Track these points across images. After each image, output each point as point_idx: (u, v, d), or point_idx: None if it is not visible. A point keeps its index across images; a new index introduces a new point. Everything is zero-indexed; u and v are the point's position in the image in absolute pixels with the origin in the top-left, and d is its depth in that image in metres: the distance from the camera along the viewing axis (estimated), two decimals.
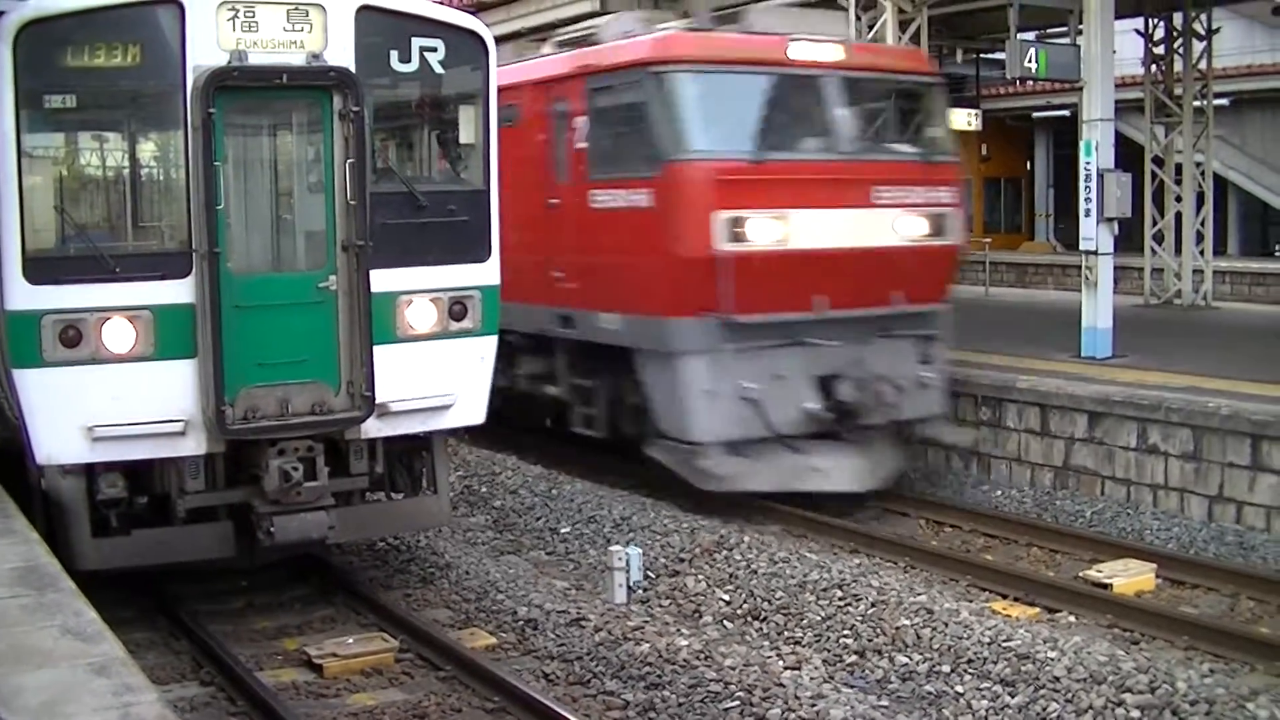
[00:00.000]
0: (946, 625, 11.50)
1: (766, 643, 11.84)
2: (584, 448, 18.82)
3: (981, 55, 32.20)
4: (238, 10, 11.50)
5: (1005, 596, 12.79)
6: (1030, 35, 22.30)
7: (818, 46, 16.53)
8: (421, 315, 12.35)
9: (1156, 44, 28.36)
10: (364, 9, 11.94)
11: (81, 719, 6.84)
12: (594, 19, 22.14)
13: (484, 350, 12.76)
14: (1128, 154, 25.32)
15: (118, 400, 11.31)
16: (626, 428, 17.20)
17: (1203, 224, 28.47)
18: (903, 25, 22.43)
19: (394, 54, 12.15)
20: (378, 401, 11.93)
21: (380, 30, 12.06)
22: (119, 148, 12.04)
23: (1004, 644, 11.02)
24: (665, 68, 15.74)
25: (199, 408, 11.49)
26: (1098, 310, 20.02)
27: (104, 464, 11.48)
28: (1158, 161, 28.20)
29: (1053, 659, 10.64)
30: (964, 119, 26.74)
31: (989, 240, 39.45)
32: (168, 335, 11.38)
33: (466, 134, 12.90)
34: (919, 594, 12.28)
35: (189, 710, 10.47)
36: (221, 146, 11.54)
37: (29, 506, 12.06)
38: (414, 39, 12.21)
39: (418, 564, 14.26)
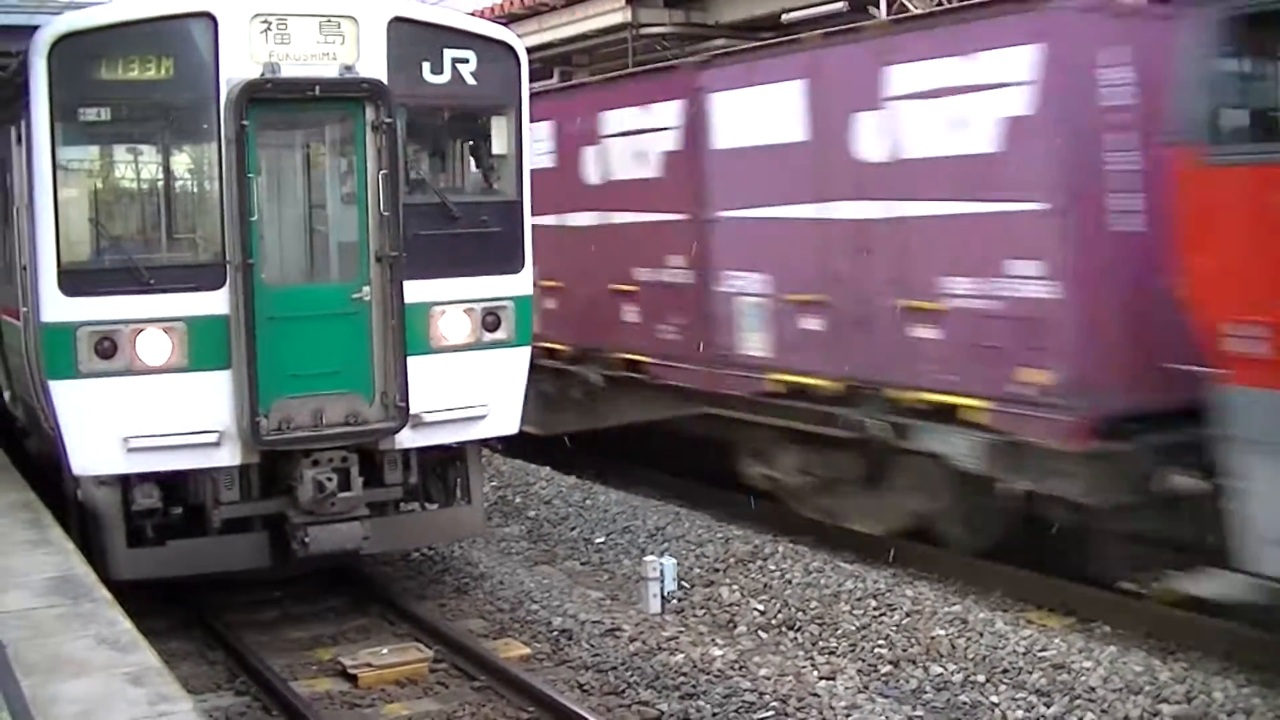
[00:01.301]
0: (981, 635, 11.45)
1: (801, 653, 11.79)
2: (618, 458, 18.85)
3: None
4: (270, 23, 11.55)
5: (1040, 606, 12.72)
6: None
7: None
8: (455, 326, 12.37)
9: None
10: (396, 20, 11.98)
11: None
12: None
13: (517, 361, 12.77)
14: None
15: (152, 411, 11.35)
16: None
17: None
18: None
19: (426, 65, 12.19)
20: (411, 412, 11.95)
21: (412, 42, 12.09)
22: (153, 160, 12.10)
23: (1039, 654, 10.96)
24: None
25: (233, 419, 11.52)
26: None
27: (139, 475, 11.53)
28: None
29: (1088, 669, 10.58)
30: None
31: None
32: (202, 346, 11.42)
33: (499, 145, 12.93)
34: (953, 604, 12.22)
35: None
36: (255, 158, 11.60)
37: (65, 517, 12.15)
38: (446, 50, 12.25)
39: (452, 574, 14.26)
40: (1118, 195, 11.68)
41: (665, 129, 16.40)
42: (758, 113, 14.93)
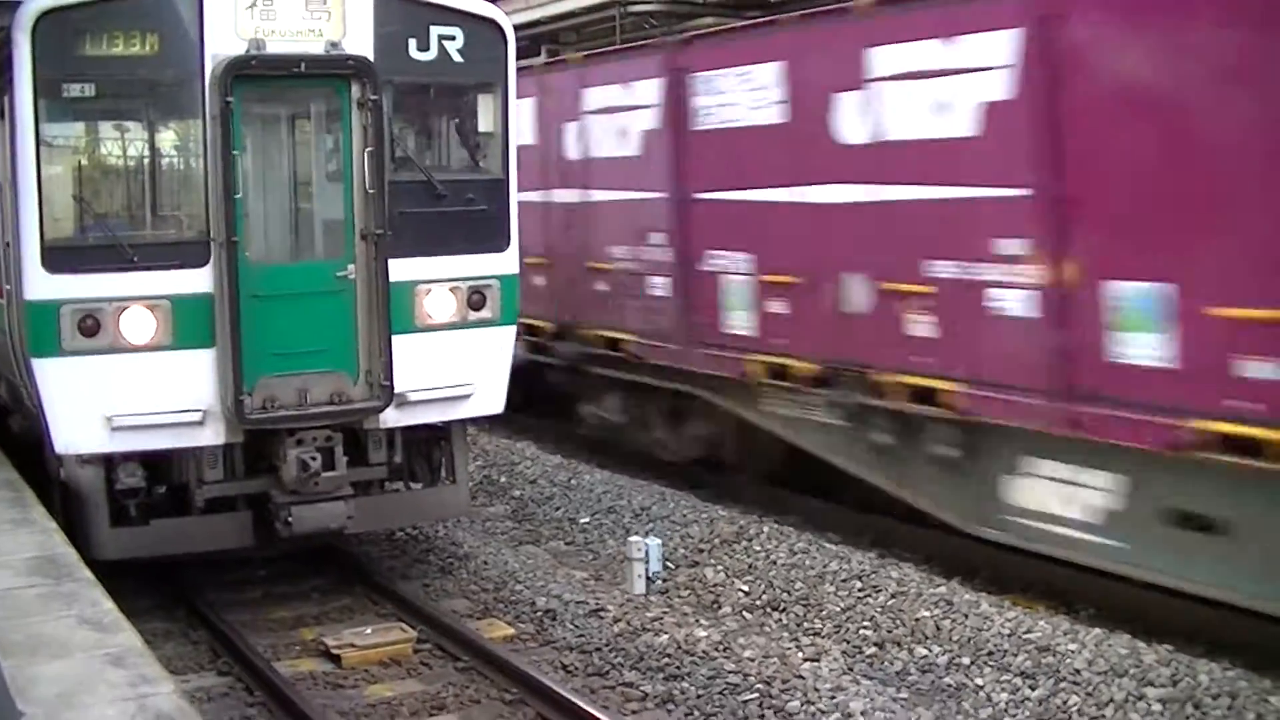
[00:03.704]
0: (966, 617, 11.44)
1: (786, 634, 11.79)
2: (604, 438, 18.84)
3: None
4: None
5: (1025, 589, 12.72)
6: None
7: None
8: (440, 304, 12.33)
9: None
10: None
11: (98, 710, 6.84)
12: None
13: (503, 340, 12.74)
14: None
15: (136, 390, 11.31)
16: None
17: None
18: None
19: (412, 42, 12.13)
20: (396, 391, 11.92)
21: (398, 19, 12.03)
22: (137, 137, 12.04)
23: (1024, 636, 10.96)
24: None
25: (217, 397, 11.48)
26: None
27: (123, 454, 11.49)
28: None
29: (1073, 651, 10.57)
30: None
31: None
32: (186, 325, 11.38)
33: (485, 123, 12.88)
34: (938, 585, 12.22)
35: (206, 701, 10.46)
36: (240, 135, 11.54)
37: (48, 496, 12.10)
38: (432, 27, 12.19)
39: (436, 554, 14.24)
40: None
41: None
42: None
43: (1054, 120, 11.20)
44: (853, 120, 13.19)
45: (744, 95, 14.72)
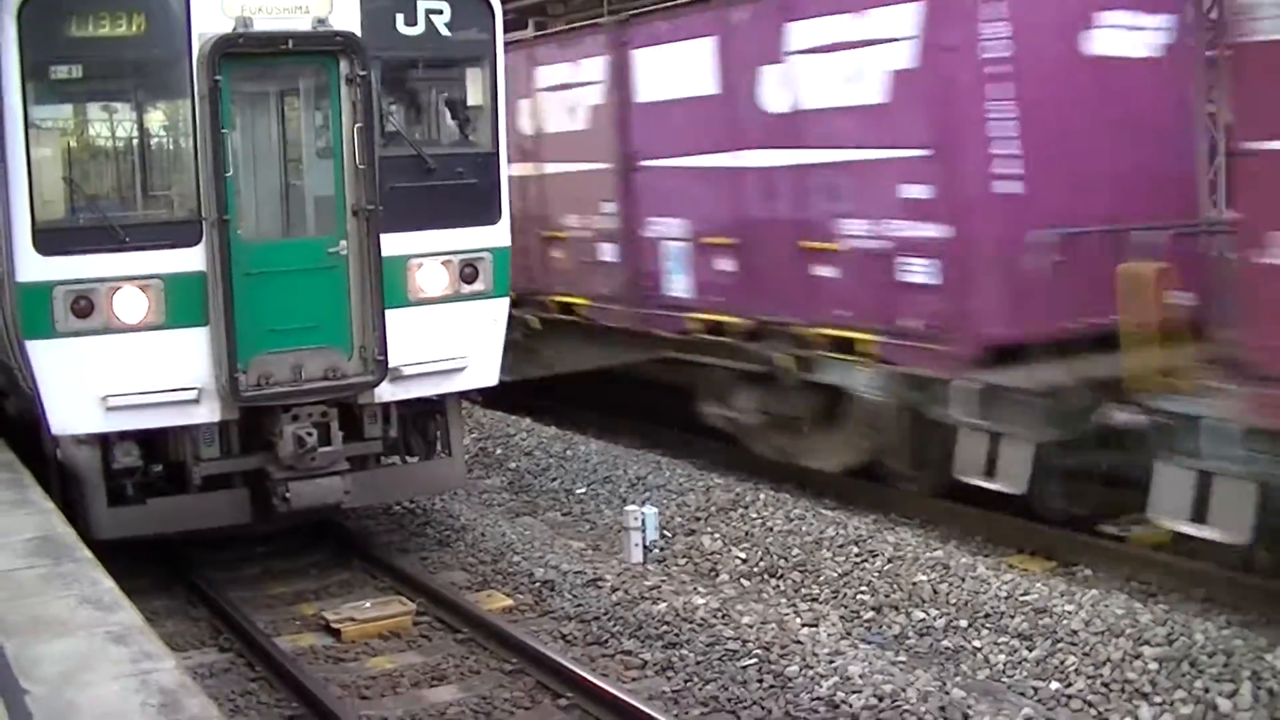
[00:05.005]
0: (963, 580, 11.48)
1: (783, 600, 11.83)
2: (598, 409, 18.85)
3: None
4: None
5: (1021, 550, 12.76)
6: None
7: None
8: (432, 278, 12.34)
9: None
10: None
11: (100, 687, 6.86)
12: None
13: (496, 312, 12.76)
14: None
15: (131, 369, 11.32)
16: None
17: None
18: None
19: (400, 17, 12.11)
20: (390, 365, 11.93)
21: None
22: (126, 117, 12.03)
23: (1021, 598, 11.00)
24: None
25: (212, 375, 11.51)
26: None
27: (119, 433, 11.51)
28: None
29: (1070, 612, 10.62)
30: None
31: None
32: (179, 304, 11.38)
33: (474, 96, 12.87)
34: (935, 549, 12.26)
35: (208, 676, 10.49)
36: (229, 114, 11.52)
37: (45, 477, 12.11)
38: (419, 2, 12.17)
39: (434, 527, 14.27)
40: None
41: None
42: None
43: None
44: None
45: None
